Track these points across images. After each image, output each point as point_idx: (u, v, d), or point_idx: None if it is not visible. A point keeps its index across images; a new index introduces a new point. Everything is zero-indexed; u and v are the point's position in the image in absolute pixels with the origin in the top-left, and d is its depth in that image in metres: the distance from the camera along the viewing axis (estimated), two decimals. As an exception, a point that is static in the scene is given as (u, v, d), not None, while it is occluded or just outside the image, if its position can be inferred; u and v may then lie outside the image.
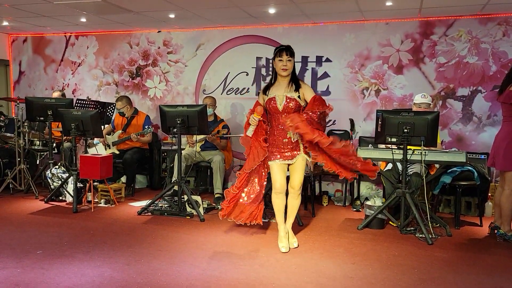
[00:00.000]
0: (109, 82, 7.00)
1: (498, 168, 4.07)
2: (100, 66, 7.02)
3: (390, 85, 5.72)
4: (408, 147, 4.10)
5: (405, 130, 4.02)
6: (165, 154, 6.25)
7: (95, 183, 5.26)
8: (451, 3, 4.83)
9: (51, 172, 5.38)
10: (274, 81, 3.69)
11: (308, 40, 5.97)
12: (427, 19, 5.51)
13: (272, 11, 5.26)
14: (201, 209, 4.73)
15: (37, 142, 5.94)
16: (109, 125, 6.17)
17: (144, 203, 5.11)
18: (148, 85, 6.79)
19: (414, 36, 5.59)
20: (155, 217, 4.70)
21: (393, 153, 4.21)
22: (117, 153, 5.86)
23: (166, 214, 4.75)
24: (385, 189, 4.75)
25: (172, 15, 5.64)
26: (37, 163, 6.16)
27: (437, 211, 5.00)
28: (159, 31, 6.66)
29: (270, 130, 3.70)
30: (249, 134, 3.64)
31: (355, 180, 5.58)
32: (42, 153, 6.10)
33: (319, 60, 5.98)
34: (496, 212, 4.18)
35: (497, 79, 5.24)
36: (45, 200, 5.26)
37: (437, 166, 4.49)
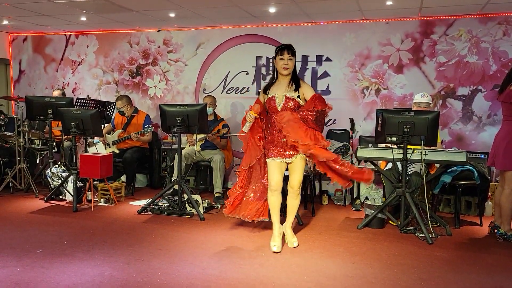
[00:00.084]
0: (109, 81, 7.00)
1: (498, 168, 4.07)
2: (100, 65, 7.02)
3: (390, 84, 5.72)
4: (408, 146, 4.10)
5: (405, 130, 4.02)
6: (165, 153, 6.25)
7: (95, 182, 5.26)
8: (451, 2, 4.82)
9: (51, 171, 5.38)
10: (274, 80, 3.70)
11: (308, 39, 5.96)
12: (427, 18, 5.50)
13: (272, 10, 5.26)
14: (201, 208, 4.73)
15: (37, 141, 5.94)
16: (109, 124, 6.16)
17: (144, 202, 5.11)
18: (148, 84, 6.79)
19: (414, 35, 5.59)
20: (155, 216, 4.70)
21: (393, 153, 4.21)
22: (117, 152, 5.86)
23: (166, 213, 4.75)
24: (385, 189, 4.75)
25: (172, 14, 5.64)
26: (37, 162, 6.17)
27: (437, 210, 5.01)
28: (159, 30, 6.66)
29: (269, 129, 3.70)
30: (245, 130, 3.71)
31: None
32: (42, 152, 6.11)
33: (319, 60, 5.98)
34: (496, 211, 4.18)
35: (497, 79, 5.24)
36: (45, 199, 5.27)
37: (437, 165, 4.48)
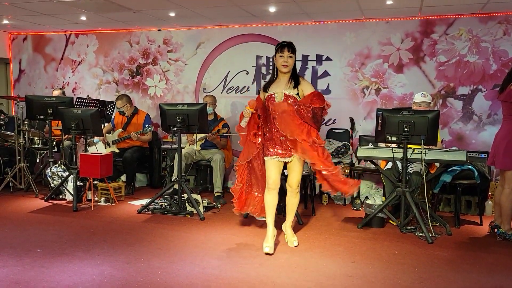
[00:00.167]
0: (109, 81, 6.99)
1: (498, 167, 4.07)
2: (100, 65, 7.02)
3: (390, 83, 5.72)
4: (408, 146, 4.09)
5: (405, 129, 4.02)
6: (165, 152, 6.25)
7: (95, 182, 5.26)
8: (451, 2, 4.82)
9: (51, 171, 5.38)
10: (274, 78, 3.70)
11: (309, 38, 5.96)
12: (427, 17, 5.50)
13: (272, 9, 5.26)
14: (201, 208, 4.73)
15: (37, 141, 5.94)
16: (109, 124, 6.16)
17: (144, 201, 5.10)
18: (148, 84, 6.78)
19: (414, 34, 5.58)
20: (155, 215, 4.70)
21: (393, 152, 4.21)
22: (117, 151, 5.86)
23: (166, 212, 4.75)
24: (385, 188, 4.75)
25: (172, 14, 5.64)
26: (37, 161, 6.17)
27: (437, 210, 5.01)
28: (159, 30, 6.65)
29: (268, 127, 3.71)
30: (242, 125, 3.77)
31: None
32: (42, 151, 6.11)
33: (319, 59, 5.98)
34: (496, 211, 4.18)
35: (497, 78, 5.23)
36: (45, 198, 5.26)
37: (437, 165, 4.49)
